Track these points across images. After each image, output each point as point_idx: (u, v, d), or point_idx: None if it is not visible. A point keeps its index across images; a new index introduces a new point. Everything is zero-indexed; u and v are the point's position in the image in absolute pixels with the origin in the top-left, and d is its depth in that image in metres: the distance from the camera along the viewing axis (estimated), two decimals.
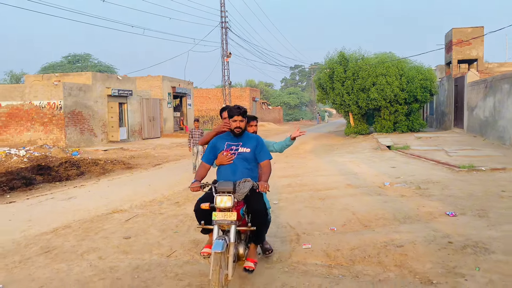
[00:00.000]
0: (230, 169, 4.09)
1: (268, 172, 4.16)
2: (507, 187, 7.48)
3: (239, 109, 4.11)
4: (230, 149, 4.15)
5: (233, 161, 4.11)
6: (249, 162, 4.17)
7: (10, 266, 4.70)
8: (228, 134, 4.27)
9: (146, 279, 4.19)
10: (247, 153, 4.16)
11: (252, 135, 4.36)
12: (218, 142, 4.25)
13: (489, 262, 4.18)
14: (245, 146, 4.19)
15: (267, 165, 4.22)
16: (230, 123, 4.18)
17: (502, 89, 14.15)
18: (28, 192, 9.76)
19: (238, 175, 4.04)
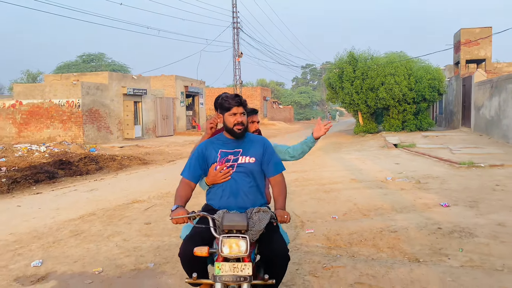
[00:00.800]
0: (228, 190, 2.86)
1: (284, 193, 2.90)
2: (501, 181, 7.92)
3: (238, 97, 2.88)
4: (226, 160, 2.87)
5: (232, 177, 2.86)
6: (254, 177, 2.91)
7: (46, 246, 5.32)
8: (221, 137, 2.97)
9: (166, 256, 4.77)
10: (251, 165, 2.89)
11: (256, 136, 3.05)
12: (208, 149, 2.93)
13: (471, 245, 4.67)
14: (247, 153, 2.91)
15: (281, 181, 2.95)
16: (223, 118, 2.92)
17: (506, 88, 14.48)
18: (52, 185, 10.44)
19: (240, 198, 2.85)
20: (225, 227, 2.51)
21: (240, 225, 2.49)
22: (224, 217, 2.54)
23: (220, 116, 2.97)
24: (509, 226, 5.24)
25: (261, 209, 2.69)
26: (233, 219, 2.53)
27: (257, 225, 2.61)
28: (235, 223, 2.50)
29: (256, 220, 2.63)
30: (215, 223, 2.63)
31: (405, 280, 3.83)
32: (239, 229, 2.50)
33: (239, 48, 30.40)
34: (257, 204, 2.90)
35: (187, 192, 2.90)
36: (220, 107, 2.94)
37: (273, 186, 2.98)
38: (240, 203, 2.85)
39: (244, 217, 2.54)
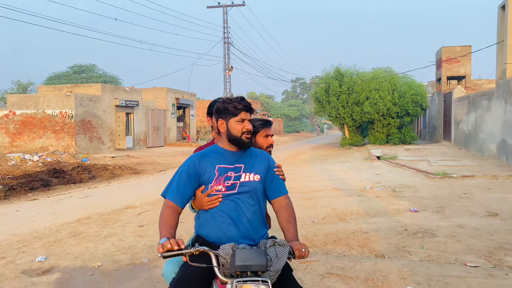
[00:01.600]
0: (228, 216, 2.33)
1: (294, 219, 2.41)
2: (469, 190, 8.59)
3: (246, 101, 2.43)
4: (226, 178, 2.35)
5: (232, 199, 2.34)
6: (258, 199, 2.42)
7: (47, 245, 5.79)
8: (217, 149, 2.45)
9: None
10: (256, 184, 2.39)
11: (257, 150, 2.55)
12: (202, 164, 2.38)
13: (431, 243, 5.27)
14: (251, 169, 2.41)
15: (289, 204, 2.46)
16: (227, 126, 2.39)
17: (482, 105, 15.30)
18: (47, 192, 10.86)
19: (243, 226, 2.33)
20: (237, 268, 1.93)
21: (257, 266, 1.93)
22: (236, 255, 1.96)
23: (222, 122, 2.40)
24: (467, 227, 5.86)
25: (276, 241, 2.13)
26: (247, 257, 1.94)
27: (275, 263, 2.04)
28: (251, 262, 1.93)
29: (274, 257, 2.05)
30: (219, 261, 2.07)
31: (369, 271, 4.39)
32: (255, 270, 1.95)
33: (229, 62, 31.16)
34: (260, 233, 2.39)
35: (175, 219, 2.30)
36: (221, 112, 2.40)
37: (279, 211, 2.41)
38: (244, 232, 2.31)
39: (261, 254, 1.97)
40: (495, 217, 6.41)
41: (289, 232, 2.34)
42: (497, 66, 13.99)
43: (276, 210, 2.44)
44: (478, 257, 4.72)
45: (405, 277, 4.17)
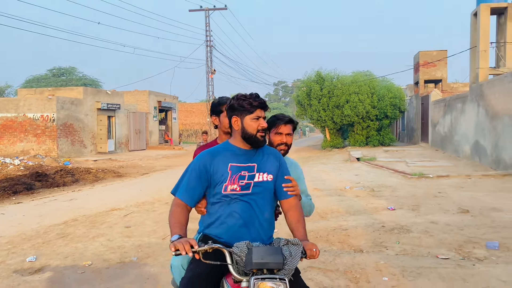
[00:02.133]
0: (240, 217, 2.30)
1: (303, 220, 2.43)
2: (444, 189, 9.01)
3: (260, 97, 2.39)
4: (240, 177, 2.30)
5: (246, 200, 2.30)
6: (270, 199, 2.41)
7: (37, 246, 5.90)
8: (229, 147, 2.39)
9: (147, 252, 5.46)
10: (269, 184, 2.37)
11: (270, 148, 2.50)
12: (214, 162, 2.33)
13: (407, 238, 5.60)
14: (264, 169, 2.37)
15: (298, 205, 2.43)
16: (241, 123, 2.33)
17: (456, 107, 15.90)
18: (30, 196, 10.86)
19: (254, 229, 2.32)
20: (255, 265, 1.94)
21: (274, 263, 1.95)
22: (253, 252, 1.97)
23: (236, 119, 2.34)
24: (440, 223, 6.22)
25: (290, 240, 2.13)
26: (265, 254, 1.96)
27: (289, 262, 2.04)
28: (268, 260, 1.94)
29: (288, 256, 2.05)
30: (233, 259, 2.07)
31: (348, 264, 4.68)
32: (272, 268, 1.96)
33: (212, 65, 31.33)
34: (268, 234, 2.38)
35: (185, 217, 2.29)
36: (236, 109, 2.33)
37: (288, 211, 2.39)
38: (254, 234, 2.27)
39: (278, 252, 1.99)
40: (466, 214, 6.80)
41: (299, 232, 2.32)
42: (471, 71, 14.58)
43: (285, 210, 2.40)
44: (449, 250, 5.06)
45: (381, 269, 4.47)
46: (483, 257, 4.77)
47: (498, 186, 9.36)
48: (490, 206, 7.30)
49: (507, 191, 8.68)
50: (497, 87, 11.94)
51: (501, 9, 13.72)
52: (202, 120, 44.30)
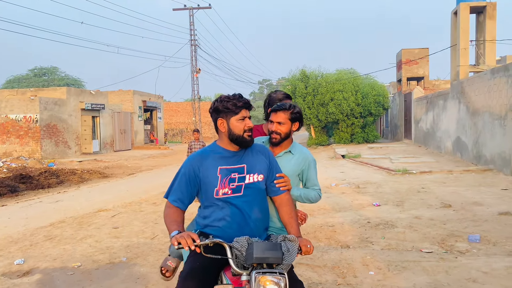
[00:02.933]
0: (233, 220, 2.32)
1: (296, 215, 2.51)
2: (427, 185, 9.22)
3: (244, 98, 2.40)
4: (230, 180, 2.32)
5: (237, 203, 2.32)
6: (262, 198, 2.43)
7: (24, 248, 5.86)
8: (217, 149, 2.41)
9: (136, 252, 5.48)
10: (261, 184, 2.39)
11: (258, 145, 2.52)
12: (202, 166, 2.34)
13: (392, 233, 5.74)
14: (254, 170, 2.38)
15: (290, 200, 2.50)
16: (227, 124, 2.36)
17: (438, 104, 16.21)
18: (15, 198, 10.73)
19: (248, 229, 2.33)
20: (255, 260, 2.00)
21: (274, 258, 2.02)
22: (254, 247, 2.02)
23: (222, 121, 2.35)
24: (424, 218, 6.39)
25: (287, 237, 2.22)
26: (265, 249, 2.02)
27: (287, 257, 2.12)
28: (268, 254, 2.01)
29: (286, 251, 2.13)
30: (233, 253, 2.13)
31: (335, 260, 4.79)
32: (271, 263, 2.04)
33: (197, 64, 31.24)
34: (261, 231, 2.41)
35: (180, 216, 2.31)
36: (221, 111, 2.34)
37: (280, 206, 2.45)
38: (248, 234, 2.28)
39: (277, 247, 2.05)
40: (448, 208, 6.99)
41: (292, 228, 2.38)
42: (451, 68, 14.88)
43: (277, 206, 2.46)
44: (432, 244, 5.21)
45: (368, 264, 4.59)
46: (465, 250, 4.93)
47: (479, 181, 9.61)
48: (471, 201, 7.51)
49: (488, 186, 8.93)
50: (477, 84, 12.23)
51: (480, 8, 14.03)
52: (188, 119, 44.17)
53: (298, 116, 2.81)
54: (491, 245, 5.08)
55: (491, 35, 13.68)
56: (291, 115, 2.77)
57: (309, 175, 2.85)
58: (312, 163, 2.88)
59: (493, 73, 11.09)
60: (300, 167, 2.82)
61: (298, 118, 2.81)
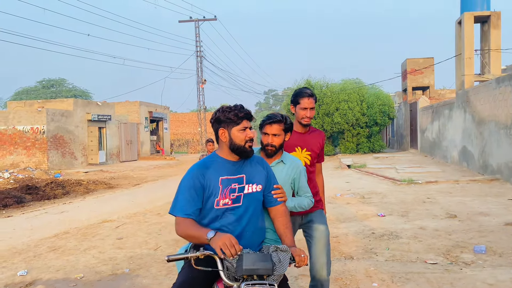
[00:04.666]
0: (230, 230, 2.31)
1: (291, 226, 2.50)
2: (432, 195, 9.14)
3: (245, 108, 2.42)
4: (230, 190, 2.34)
5: (235, 213, 2.35)
6: (260, 208, 2.47)
7: (27, 260, 5.88)
8: (217, 159, 2.43)
9: (139, 264, 5.47)
10: (259, 194, 2.43)
11: (256, 157, 2.56)
12: (205, 177, 2.35)
13: (396, 244, 5.68)
14: (253, 180, 2.42)
15: (286, 211, 2.51)
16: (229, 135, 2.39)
17: (444, 114, 16.14)
18: (21, 209, 10.79)
19: (245, 240, 2.33)
20: (245, 271, 2.00)
21: (264, 269, 2.01)
22: (243, 259, 2.02)
23: (223, 131, 2.37)
24: (428, 229, 6.33)
25: (279, 247, 2.18)
26: (255, 260, 2.01)
27: (279, 268, 2.09)
28: (258, 266, 2.00)
29: (277, 262, 2.10)
30: (224, 265, 2.12)
31: (338, 271, 4.74)
32: (261, 274, 2.02)
33: (202, 75, 31.45)
34: (258, 242, 2.43)
35: (195, 223, 2.30)
36: (222, 121, 2.37)
37: (276, 217, 2.46)
38: (245, 244, 2.26)
39: (267, 258, 2.05)
40: (454, 219, 6.91)
41: (287, 238, 2.38)
42: (456, 78, 14.84)
43: (273, 216, 2.48)
44: (437, 255, 5.15)
45: (371, 275, 4.54)
46: (470, 261, 4.86)
47: (485, 191, 9.52)
48: (477, 211, 7.43)
49: (494, 196, 8.84)
50: (483, 93, 12.18)
51: (484, 17, 14.03)
52: (194, 129, 44.30)
53: (290, 126, 2.97)
54: (497, 256, 5.01)
55: (496, 44, 13.65)
56: (284, 126, 2.90)
57: (300, 183, 2.96)
58: (302, 171, 2.98)
59: (498, 82, 11.04)
60: (292, 176, 2.93)
61: (290, 128, 2.97)
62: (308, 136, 3.33)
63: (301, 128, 3.31)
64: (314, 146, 3.32)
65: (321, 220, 3.27)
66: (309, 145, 3.29)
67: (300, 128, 3.30)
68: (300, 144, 3.26)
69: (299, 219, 3.22)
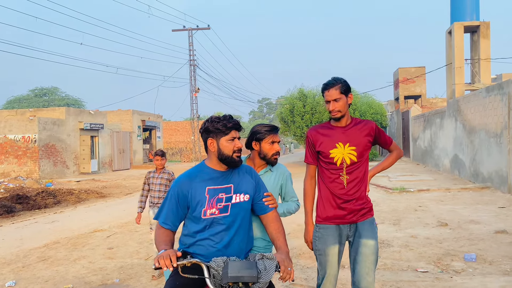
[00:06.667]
0: (219, 241, 2.35)
1: (283, 230, 2.51)
2: (424, 203, 9.18)
3: (234, 119, 2.46)
4: (217, 200, 2.36)
5: (223, 223, 2.36)
6: (248, 218, 2.48)
7: (16, 270, 5.80)
8: (205, 169, 2.45)
9: (130, 274, 5.43)
10: (246, 204, 2.44)
11: (245, 166, 2.56)
12: (191, 187, 2.37)
13: (387, 253, 5.69)
14: (240, 190, 2.43)
15: (278, 217, 2.54)
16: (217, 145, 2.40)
17: (435, 122, 16.27)
18: (11, 219, 10.66)
19: (232, 249, 2.37)
20: (230, 279, 2.02)
21: (249, 277, 2.02)
22: (228, 266, 2.05)
23: (212, 141, 2.40)
24: (420, 237, 6.35)
25: (265, 255, 2.21)
26: (240, 268, 2.04)
27: (264, 275, 2.10)
28: (243, 273, 2.02)
29: (263, 269, 2.12)
30: (210, 273, 2.16)
31: None
32: (246, 282, 2.04)
33: (196, 84, 31.50)
34: (245, 250, 2.45)
35: (169, 237, 2.37)
36: (211, 132, 2.40)
37: (268, 223, 2.48)
38: (232, 253, 2.33)
39: (252, 265, 2.07)
40: (445, 227, 6.94)
41: (279, 241, 2.40)
42: (447, 87, 15.00)
43: (265, 223, 2.50)
44: (428, 263, 5.16)
45: None
46: (460, 269, 4.88)
47: (476, 199, 9.58)
48: (468, 219, 7.47)
49: (485, 204, 8.90)
50: (473, 102, 12.31)
51: (474, 27, 14.23)
52: (187, 138, 44.24)
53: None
54: (487, 264, 5.03)
55: (485, 54, 13.84)
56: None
57: (287, 189, 2.99)
58: (288, 176, 3.01)
59: (488, 91, 11.17)
60: (279, 182, 2.97)
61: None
62: (351, 130, 2.87)
63: (340, 122, 2.86)
64: (359, 139, 2.85)
65: (371, 234, 2.91)
66: (353, 139, 2.84)
67: (338, 122, 2.87)
68: (341, 139, 2.84)
69: (346, 229, 2.91)
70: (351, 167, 2.85)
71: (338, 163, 2.84)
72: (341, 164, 2.84)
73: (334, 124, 2.90)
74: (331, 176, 2.87)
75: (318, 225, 2.94)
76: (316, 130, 2.94)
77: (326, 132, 2.89)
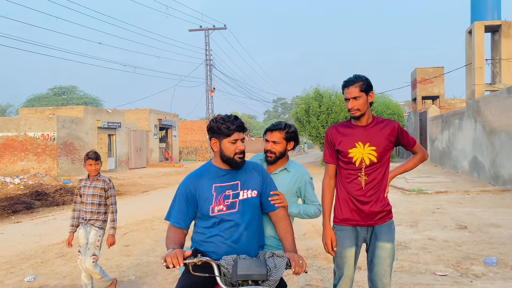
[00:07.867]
0: (229, 236, 2.36)
1: (292, 229, 2.50)
2: (442, 205, 9.03)
3: (239, 120, 2.44)
4: (224, 197, 2.37)
5: (232, 219, 2.36)
6: (257, 214, 2.47)
7: (35, 265, 5.90)
8: (212, 168, 2.48)
9: (146, 271, 5.47)
10: (254, 200, 2.43)
11: (253, 163, 2.57)
12: (198, 185, 2.42)
13: (405, 255, 5.61)
14: (247, 186, 2.44)
15: (286, 216, 2.53)
16: (220, 145, 2.42)
17: (454, 123, 16.00)
18: (30, 215, 10.86)
19: (241, 245, 2.37)
20: (240, 277, 2.03)
21: (258, 275, 2.03)
22: (238, 264, 2.06)
23: (215, 141, 2.42)
24: (438, 240, 6.24)
25: (275, 253, 2.22)
26: (249, 266, 2.04)
27: (274, 273, 2.11)
28: (253, 271, 2.03)
29: (272, 267, 2.12)
30: (221, 271, 2.16)
31: None
32: (256, 279, 2.04)
33: (211, 84, 31.63)
34: (255, 247, 2.44)
35: (180, 238, 2.38)
36: (215, 132, 2.41)
37: (276, 222, 2.49)
38: (242, 250, 2.33)
39: (262, 264, 2.07)
40: (464, 230, 6.81)
41: (288, 242, 2.40)
42: (467, 87, 14.73)
43: (274, 221, 2.51)
44: (447, 266, 5.07)
45: None
46: (481, 273, 4.78)
47: (496, 201, 9.38)
48: (488, 222, 7.32)
49: (505, 207, 8.71)
50: (494, 103, 12.06)
51: (495, 27, 13.94)
52: (202, 137, 44.43)
53: (293, 135, 2.89)
54: (509, 268, 4.92)
55: (507, 54, 13.54)
56: (286, 135, 2.86)
57: (306, 193, 2.92)
58: (308, 180, 2.95)
59: (509, 92, 10.93)
60: (296, 184, 2.89)
61: (293, 137, 2.89)
62: (372, 129, 2.78)
63: (360, 121, 2.79)
64: (380, 139, 2.75)
65: (388, 237, 2.82)
66: (374, 139, 2.75)
67: (358, 121, 2.79)
68: (361, 139, 2.75)
69: (363, 232, 2.85)
70: (370, 168, 2.78)
71: (357, 163, 2.78)
72: (360, 164, 2.78)
73: (355, 123, 2.83)
74: (349, 176, 2.81)
75: (335, 226, 2.90)
76: (336, 129, 2.89)
77: (346, 131, 2.83)
